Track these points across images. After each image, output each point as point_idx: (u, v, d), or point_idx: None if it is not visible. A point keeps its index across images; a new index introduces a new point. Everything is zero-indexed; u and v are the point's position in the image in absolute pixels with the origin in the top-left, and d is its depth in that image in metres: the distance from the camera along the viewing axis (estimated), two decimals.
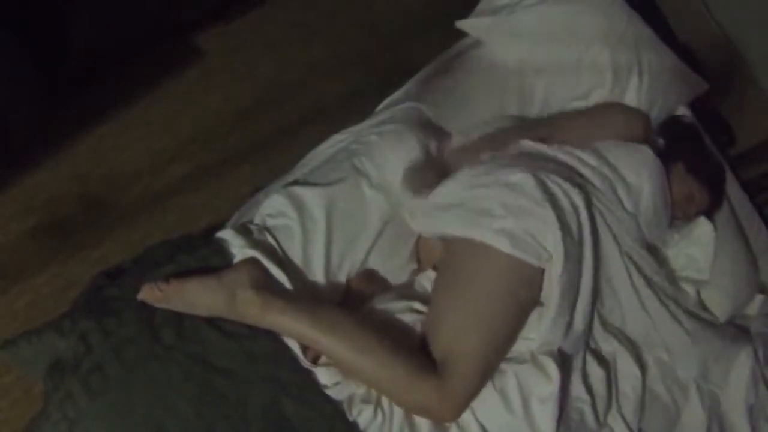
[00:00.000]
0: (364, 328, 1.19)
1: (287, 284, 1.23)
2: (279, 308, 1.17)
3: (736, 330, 1.63)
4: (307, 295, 1.26)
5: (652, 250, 1.50)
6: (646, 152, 1.46)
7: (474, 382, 1.20)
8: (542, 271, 1.26)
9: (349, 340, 1.16)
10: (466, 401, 1.20)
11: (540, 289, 1.27)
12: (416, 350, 1.23)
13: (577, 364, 1.37)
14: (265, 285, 1.19)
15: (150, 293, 1.15)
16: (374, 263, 1.35)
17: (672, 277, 1.57)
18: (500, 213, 1.25)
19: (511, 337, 1.26)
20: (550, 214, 1.25)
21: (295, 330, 1.17)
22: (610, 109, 1.57)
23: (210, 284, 1.17)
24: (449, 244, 1.31)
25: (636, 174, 1.41)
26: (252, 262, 1.22)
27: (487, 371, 1.23)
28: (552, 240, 1.24)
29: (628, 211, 1.39)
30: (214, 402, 1.13)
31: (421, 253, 1.43)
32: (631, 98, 1.59)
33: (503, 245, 1.22)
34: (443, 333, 1.22)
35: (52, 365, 1.14)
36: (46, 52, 1.77)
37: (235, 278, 1.18)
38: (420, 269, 1.43)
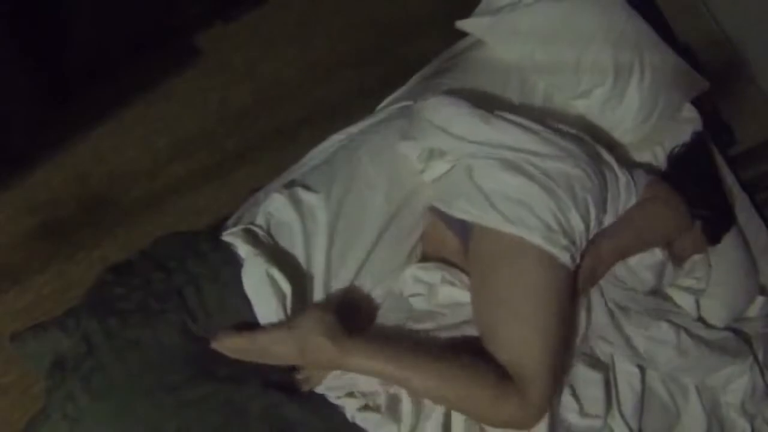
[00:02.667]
0: (442, 355, 1.19)
1: (288, 284, 1.21)
2: (356, 351, 1.15)
3: (736, 337, 1.63)
4: (378, 331, 1.27)
5: None
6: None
7: (549, 386, 1.20)
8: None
9: (430, 371, 1.16)
10: (545, 407, 1.21)
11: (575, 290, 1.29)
12: (488, 363, 1.22)
13: (568, 376, 1.38)
14: (338, 329, 1.17)
15: (223, 345, 1.13)
16: (377, 261, 1.33)
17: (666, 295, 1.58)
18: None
19: (566, 335, 1.26)
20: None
21: (376, 370, 1.16)
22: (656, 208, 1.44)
23: (280, 336, 1.15)
24: (482, 240, 1.29)
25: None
26: (323, 306, 1.21)
27: (557, 372, 1.24)
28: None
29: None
30: (215, 405, 1.12)
31: (428, 247, 1.41)
32: (633, 96, 1.59)
33: (563, 256, 1.23)
34: (506, 344, 1.22)
35: (54, 363, 1.14)
36: (46, 53, 1.77)
37: (306, 326, 1.15)
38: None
